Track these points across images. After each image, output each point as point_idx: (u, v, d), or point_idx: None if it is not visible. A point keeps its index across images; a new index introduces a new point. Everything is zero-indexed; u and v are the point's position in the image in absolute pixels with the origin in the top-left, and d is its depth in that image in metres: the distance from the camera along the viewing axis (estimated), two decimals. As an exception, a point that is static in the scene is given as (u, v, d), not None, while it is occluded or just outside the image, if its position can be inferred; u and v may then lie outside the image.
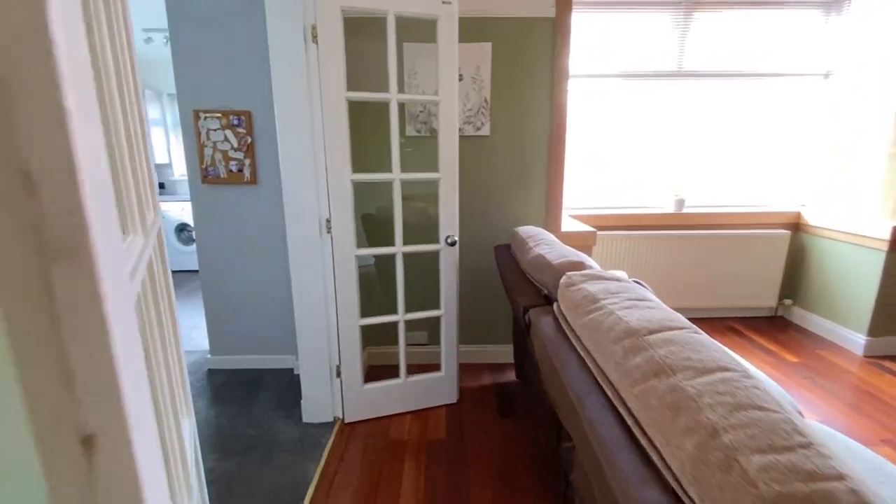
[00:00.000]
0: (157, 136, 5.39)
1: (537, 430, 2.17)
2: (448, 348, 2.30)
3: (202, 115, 2.49)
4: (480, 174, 2.59)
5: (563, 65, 2.43)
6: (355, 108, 2.39)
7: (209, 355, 2.86)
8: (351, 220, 2.03)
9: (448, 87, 2.00)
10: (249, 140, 2.52)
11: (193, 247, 5.21)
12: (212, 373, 2.80)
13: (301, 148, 1.93)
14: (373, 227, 2.53)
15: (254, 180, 2.57)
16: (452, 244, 2.13)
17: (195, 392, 2.58)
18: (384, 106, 2.08)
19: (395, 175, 2.03)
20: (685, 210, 3.39)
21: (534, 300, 1.64)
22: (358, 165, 2.09)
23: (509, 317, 2.80)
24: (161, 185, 5.67)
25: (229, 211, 2.64)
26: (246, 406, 2.42)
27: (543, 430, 2.09)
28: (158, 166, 5.64)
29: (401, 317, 2.19)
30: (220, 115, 2.48)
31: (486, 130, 2.52)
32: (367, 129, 2.51)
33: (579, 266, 1.51)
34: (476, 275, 2.71)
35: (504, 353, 2.85)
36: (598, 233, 3.04)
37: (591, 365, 1.09)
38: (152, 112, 5.31)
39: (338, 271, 2.06)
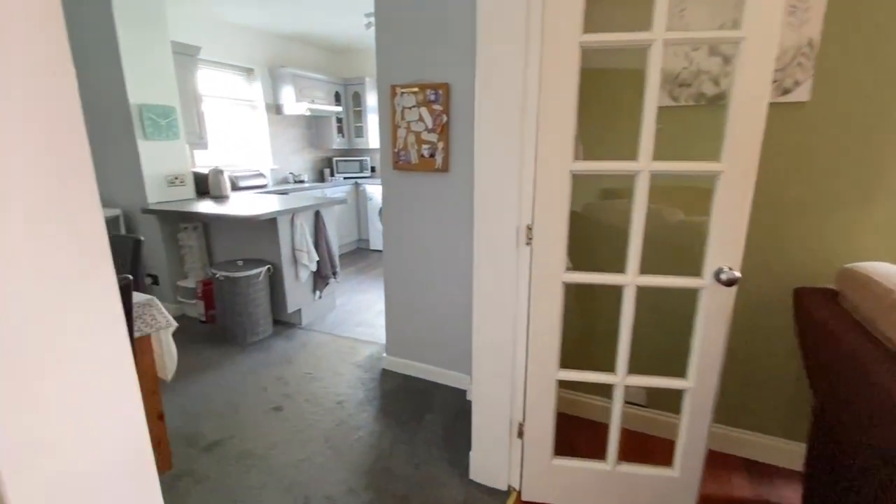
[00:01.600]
0: (373, 122, 5.72)
1: None
2: (692, 439, 1.47)
3: (398, 91, 2.18)
4: (782, 169, 1.60)
5: None
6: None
7: (385, 354, 2.67)
8: (563, 230, 1.39)
9: (765, 12, 1.13)
10: (445, 119, 2.10)
11: (391, 229, 5.38)
12: (385, 374, 2.59)
13: (503, 124, 1.37)
14: (574, 233, 1.84)
15: (445, 167, 2.16)
16: (729, 283, 1.28)
17: (367, 393, 2.39)
18: (616, 71, 1.34)
19: (643, 165, 1.29)
20: None
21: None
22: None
23: (799, 397, 1.75)
24: (372, 169, 6.06)
25: (417, 202, 2.31)
26: (410, 430, 2.08)
27: None
28: (371, 151, 6.04)
29: (620, 379, 1.47)
30: (416, 89, 2.13)
31: (802, 94, 1.51)
32: (590, 101, 1.80)
33: None
34: (745, 324, 1.74)
35: (774, 449, 1.82)
36: None
37: None
38: (371, 99, 5.64)
39: (535, 300, 1.46)
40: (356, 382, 2.51)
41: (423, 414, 2.20)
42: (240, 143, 4.72)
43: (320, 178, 5.78)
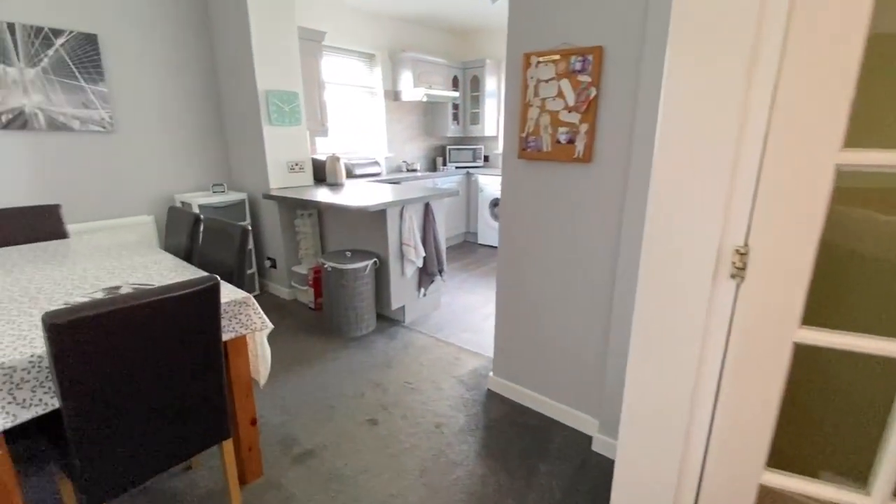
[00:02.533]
0: (490, 107, 5.35)
1: None
2: None
3: (533, 61, 1.76)
4: None
5: None
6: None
7: (492, 373, 2.31)
8: (805, 261, 0.86)
9: None
10: (593, 93, 1.63)
11: (503, 224, 4.99)
12: (491, 397, 2.24)
13: (711, 82, 0.88)
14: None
15: (587, 157, 1.69)
16: None
17: (469, 419, 2.07)
18: None
19: None
20: None
21: None
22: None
23: None
24: (485, 158, 5.71)
25: (545, 198, 1.88)
26: (520, 480, 1.70)
27: None
28: (485, 139, 5.68)
29: (885, 507, 0.90)
30: (557, 56, 1.69)
31: None
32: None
33: None
34: None
35: None
36: None
37: None
38: (490, 83, 5.26)
39: (737, 361, 0.95)
40: (458, 402, 2.20)
41: (537, 461, 1.80)
42: (357, 130, 4.71)
43: (432, 167, 5.60)
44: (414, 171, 5.10)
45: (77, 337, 1.00)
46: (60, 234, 2.45)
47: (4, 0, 2.54)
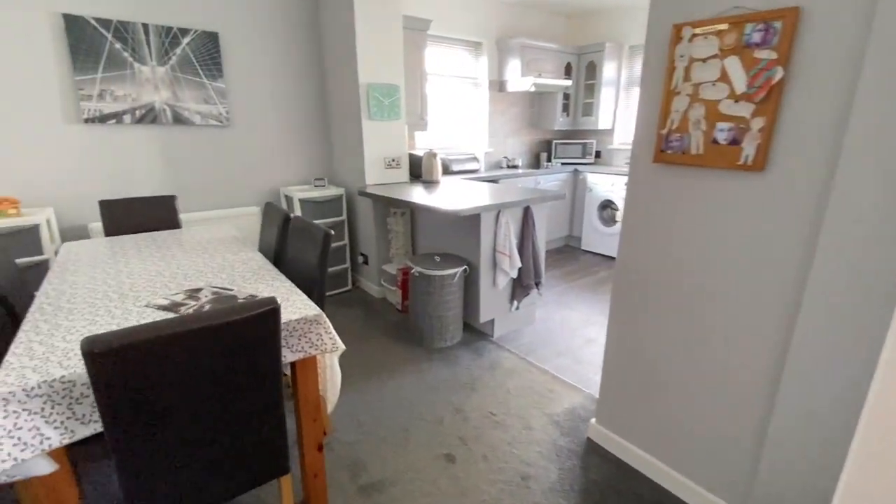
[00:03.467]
0: (606, 97, 4.76)
1: None
2: None
3: (686, 34, 1.32)
4: None
5: None
6: None
7: (594, 419, 1.92)
8: None
9: None
10: (778, 75, 1.15)
11: (612, 229, 4.43)
12: (591, 450, 1.86)
13: None
14: None
15: (759, 164, 1.22)
16: None
17: (562, 475, 1.72)
18: None
19: None
20: None
21: None
22: None
23: None
24: (597, 154, 5.13)
25: (688, 217, 1.44)
26: (627, 578, 1.32)
27: None
28: (598, 133, 5.09)
29: None
30: (724, 26, 1.24)
31: None
32: None
33: None
34: None
35: None
36: None
37: None
38: (608, 69, 4.67)
39: None
40: (550, 448, 1.86)
41: (651, 554, 1.40)
42: (457, 123, 4.49)
43: (535, 163, 5.18)
44: (515, 167, 4.75)
45: (114, 365, 0.88)
46: (174, 224, 2.59)
47: (141, 2, 2.73)
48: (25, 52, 2.46)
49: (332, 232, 1.75)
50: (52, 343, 1.17)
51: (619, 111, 4.92)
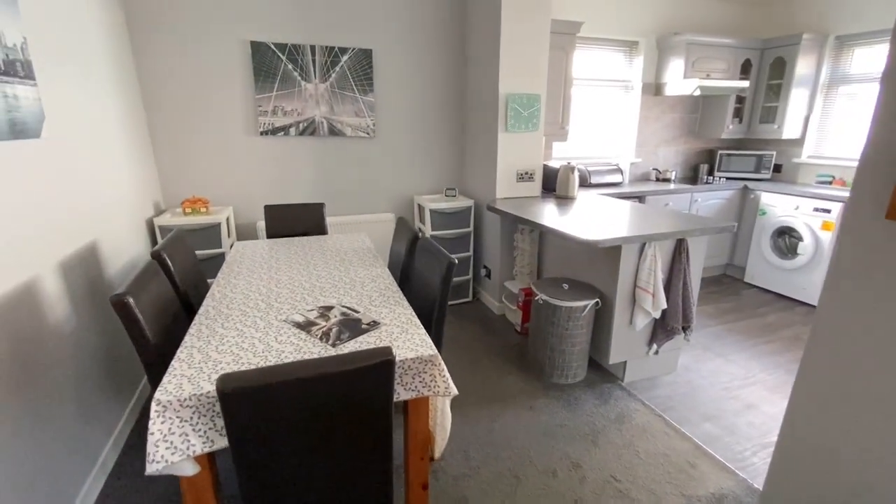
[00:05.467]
0: (797, 100, 3.88)
1: None
2: None
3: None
4: None
5: None
6: None
7: (752, 522, 1.53)
8: None
9: None
10: None
11: (790, 263, 3.62)
12: (744, 560, 1.48)
13: None
14: None
15: None
16: None
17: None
18: None
19: None
20: None
21: None
22: None
23: None
24: (776, 168, 4.24)
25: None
26: None
27: None
28: (780, 143, 4.18)
29: None
30: None
31: None
32: None
33: None
34: None
35: None
36: None
37: None
38: (803, 66, 3.79)
39: None
40: (687, 544, 1.54)
41: None
42: (600, 131, 4.11)
43: (692, 176, 4.50)
44: (666, 180, 4.18)
45: (240, 403, 0.92)
46: (321, 229, 2.84)
47: (310, 27, 3.03)
48: (222, 74, 2.92)
49: (456, 262, 1.69)
50: (208, 352, 1.31)
51: (813, 117, 3.97)
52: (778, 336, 3.07)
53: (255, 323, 1.50)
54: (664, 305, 2.28)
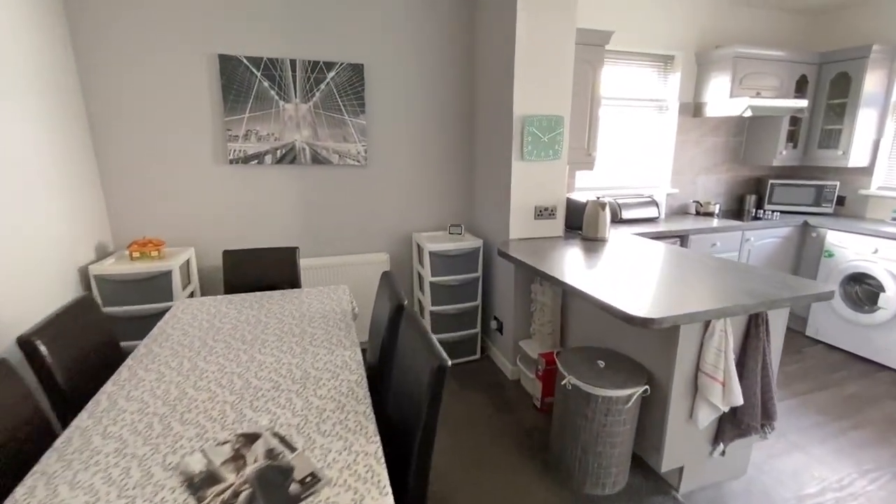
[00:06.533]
0: (865, 122, 3.29)
1: None
2: None
3: None
4: None
5: None
6: None
7: None
8: None
9: None
10: None
11: (867, 317, 2.96)
12: None
13: None
14: None
15: None
16: None
17: None
18: None
19: None
20: None
21: None
22: None
23: None
24: (839, 201, 3.62)
25: None
26: None
27: None
28: (844, 172, 3.56)
29: None
30: None
31: None
32: None
33: None
34: None
35: None
36: None
37: None
38: (872, 83, 3.22)
39: None
40: None
41: None
42: (633, 159, 3.56)
43: (738, 209, 3.90)
44: (709, 214, 3.58)
45: None
46: (294, 280, 2.32)
47: (290, 39, 2.57)
48: (186, 94, 2.47)
49: (449, 364, 1.13)
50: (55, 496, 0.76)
51: (883, 142, 3.37)
52: (867, 417, 2.42)
53: (127, 468, 0.95)
54: (740, 401, 1.67)
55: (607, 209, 2.61)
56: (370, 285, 2.93)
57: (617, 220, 3.23)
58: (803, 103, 3.27)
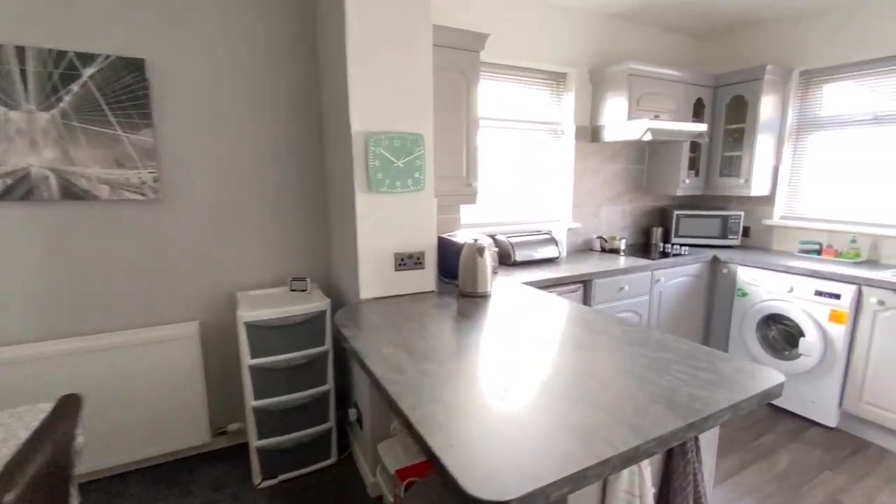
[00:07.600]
0: (764, 147, 3.07)
1: None
2: None
3: None
4: None
5: None
6: None
7: None
8: None
9: None
10: None
11: (789, 364, 2.60)
12: None
13: None
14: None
15: None
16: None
17: None
18: None
19: None
20: None
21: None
22: None
23: None
24: (744, 232, 3.37)
25: None
26: None
27: None
28: (747, 200, 3.33)
29: None
30: None
31: None
32: None
33: None
34: None
35: None
36: None
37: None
38: (768, 106, 3.02)
39: None
40: None
41: None
42: (529, 189, 3.05)
43: (645, 244, 3.53)
44: (615, 251, 3.14)
45: None
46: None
47: (17, 14, 1.72)
48: None
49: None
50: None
51: (782, 169, 3.17)
52: (810, 499, 1.95)
53: None
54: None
55: (487, 255, 1.99)
56: (165, 372, 2.03)
57: (510, 262, 2.65)
58: (703, 127, 2.96)
